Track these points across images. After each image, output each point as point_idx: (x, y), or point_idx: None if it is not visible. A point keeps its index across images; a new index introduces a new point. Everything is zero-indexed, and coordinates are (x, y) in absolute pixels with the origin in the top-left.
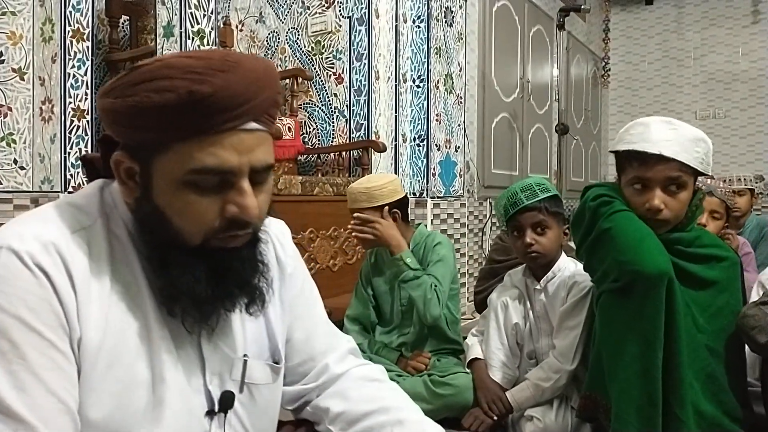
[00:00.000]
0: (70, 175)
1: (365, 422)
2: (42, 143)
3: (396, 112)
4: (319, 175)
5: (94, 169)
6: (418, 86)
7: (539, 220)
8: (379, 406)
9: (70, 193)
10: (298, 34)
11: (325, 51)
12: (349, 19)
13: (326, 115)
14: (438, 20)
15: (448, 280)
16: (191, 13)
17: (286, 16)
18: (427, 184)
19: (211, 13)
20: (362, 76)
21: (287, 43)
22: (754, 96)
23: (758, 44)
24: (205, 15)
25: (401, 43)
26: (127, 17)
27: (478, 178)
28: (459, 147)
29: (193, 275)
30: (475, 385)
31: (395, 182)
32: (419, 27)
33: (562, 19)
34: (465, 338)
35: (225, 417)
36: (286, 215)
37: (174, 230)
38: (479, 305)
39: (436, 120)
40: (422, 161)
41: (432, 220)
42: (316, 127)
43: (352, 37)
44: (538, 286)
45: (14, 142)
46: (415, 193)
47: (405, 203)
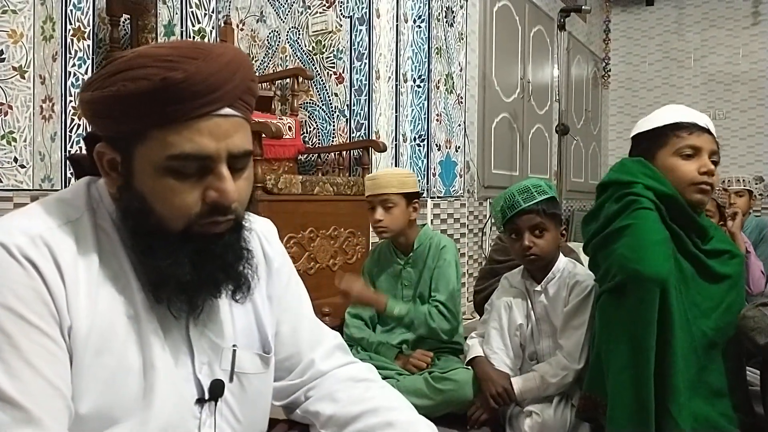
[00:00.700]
0: (70, 174)
1: (355, 425)
2: (42, 141)
3: (396, 112)
4: (320, 175)
5: (81, 167)
6: (419, 86)
7: (537, 223)
8: (368, 408)
9: None
10: (299, 34)
11: (326, 50)
12: (349, 19)
13: (327, 114)
14: (439, 20)
15: (454, 288)
16: (192, 12)
17: (287, 15)
18: (428, 184)
19: (212, 12)
20: (363, 76)
21: (288, 43)
22: (754, 97)
23: (758, 46)
24: (205, 14)
25: (402, 43)
26: (128, 16)
27: (479, 178)
28: (459, 147)
29: (176, 260)
30: (479, 378)
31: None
32: (420, 27)
33: (562, 20)
34: (465, 338)
35: (215, 405)
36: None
37: (156, 217)
38: (479, 305)
39: (437, 120)
40: (422, 161)
41: (432, 220)
42: (317, 126)
43: (353, 37)
44: (538, 288)
45: (14, 140)
46: (419, 194)
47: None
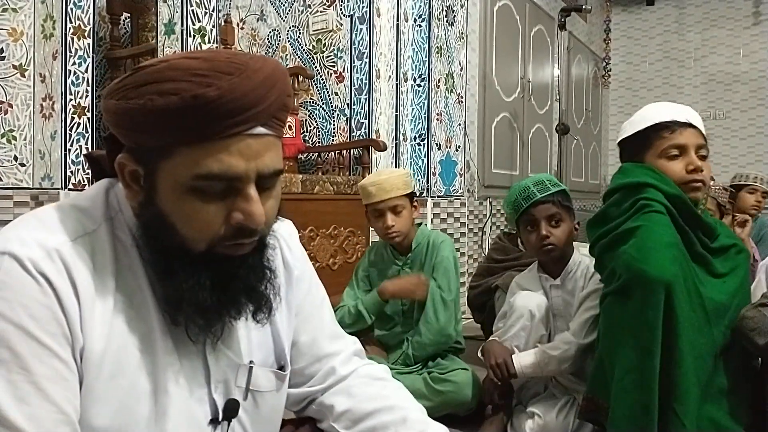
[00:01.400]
0: (71, 172)
1: (370, 421)
2: (42, 140)
3: (397, 111)
4: (320, 174)
5: (100, 167)
6: (419, 85)
7: (553, 213)
8: (383, 405)
9: (70, 190)
10: (299, 33)
11: (326, 49)
12: (350, 18)
13: (327, 113)
14: (439, 19)
15: (453, 276)
16: (192, 11)
17: (288, 14)
18: (428, 183)
19: (213, 11)
20: (363, 75)
21: (288, 42)
22: (754, 97)
23: (759, 45)
24: (206, 13)
25: (402, 42)
26: (128, 14)
27: (479, 178)
28: (459, 146)
29: (197, 282)
30: (483, 350)
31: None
32: (420, 26)
33: (563, 19)
34: (466, 338)
35: (228, 425)
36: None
37: (178, 236)
38: (472, 300)
39: (437, 119)
40: (422, 160)
41: (432, 220)
42: (317, 125)
43: (353, 36)
44: (556, 282)
45: (14, 138)
46: (415, 193)
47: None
